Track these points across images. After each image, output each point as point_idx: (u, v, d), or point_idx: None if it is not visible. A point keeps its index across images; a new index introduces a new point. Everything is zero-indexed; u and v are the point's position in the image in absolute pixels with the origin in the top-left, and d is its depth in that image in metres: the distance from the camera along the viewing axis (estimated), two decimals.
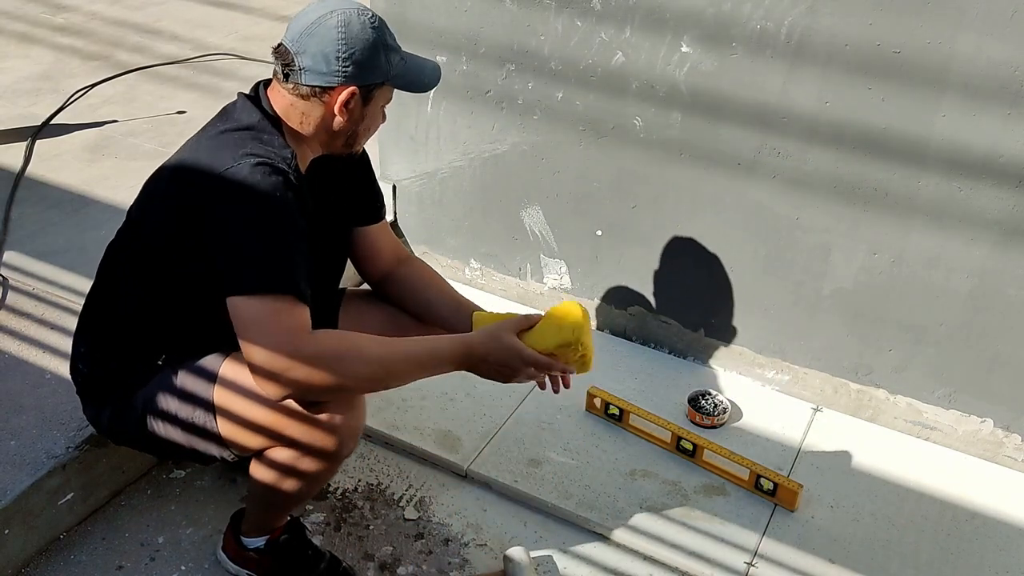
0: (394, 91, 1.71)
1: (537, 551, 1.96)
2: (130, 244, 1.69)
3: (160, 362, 1.69)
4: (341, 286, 2.06)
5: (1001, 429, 2.19)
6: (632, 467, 2.16)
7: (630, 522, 2.01)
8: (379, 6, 2.45)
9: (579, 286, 2.61)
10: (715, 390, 2.35)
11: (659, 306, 2.50)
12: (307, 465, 1.64)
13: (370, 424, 2.20)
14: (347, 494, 2.10)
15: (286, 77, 1.60)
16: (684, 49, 2.12)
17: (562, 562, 1.95)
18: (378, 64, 1.62)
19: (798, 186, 2.14)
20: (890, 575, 1.92)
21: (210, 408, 1.63)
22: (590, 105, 2.30)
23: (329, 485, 2.11)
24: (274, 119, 1.64)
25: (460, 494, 2.11)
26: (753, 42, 2.04)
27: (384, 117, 1.75)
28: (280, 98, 1.64)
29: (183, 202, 1.56)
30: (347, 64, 1.58)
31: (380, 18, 1.64)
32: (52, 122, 3.33)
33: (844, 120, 2.02)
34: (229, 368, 1.63)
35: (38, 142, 3.18)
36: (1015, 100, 1.84)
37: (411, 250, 2.82)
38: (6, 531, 1.82)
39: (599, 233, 2.48)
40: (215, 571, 1.90)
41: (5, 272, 2.47)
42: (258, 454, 1.68)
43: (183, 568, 1.91)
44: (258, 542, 1.85)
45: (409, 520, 2.03)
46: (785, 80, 2.04)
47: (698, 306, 2.44)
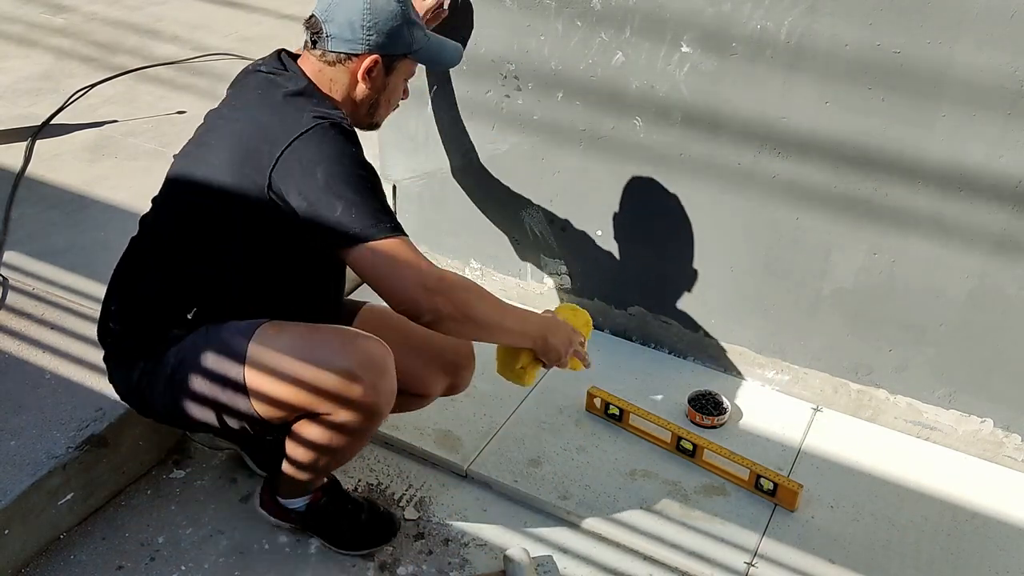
0: (416, 67, 1.82)
1: (537, 551, 1.96)
2: (183, 201, 1.72)
3: (190, 316, 1.72)
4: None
5: (1001, 429, 2.19)
6: (632, 467, 2.16)
7: (630, 522, 2.01)
8: None
9: (579, 286, 2.61)
10: (715, 390, 2.35)
11: (659, 306, 2.50)
12: (347, 422, 1.68)
13: None
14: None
15: (314, 44, 1.71)
16: (684, 49, 2.12)
17: (562, 562, 1.95)
18: (401, 36, 1.72)
19: (798, 186, 2.13)
20: (890, 575, 1.92)
21: (241, 364, 1.65)
22: (590, 105, 2.30)
23: None
24: (314, 84, 1.72)
25: (460, 494, 2.11)
26: (753, 42, 2.04)
27: (407, 93, 1.85)
28: (310, 65, 1.74)
29: (265, 166, 1.60)
30: (371, 32, 1.68)
31: None
32: (52, 122, 3.33)
33: (844, 120, 2.01)
34: (264, 333, 1.66)
35: (38, 142, 3.18)
36: (1015, 100, 1.84)
37: None
38: (6, 531, 1.82)
39: (599, 233, 2.48)
40: (215, 571, 1.90)
41: (5, 272, 2.47)
42: (296, 419, 1.70)
43: (183, 568, 1.91)
44: (297, 504, 1.91)
45: (409, 520, 2.03)
46: (785, 80, 2.04)
47: (698, 306, 2.44)
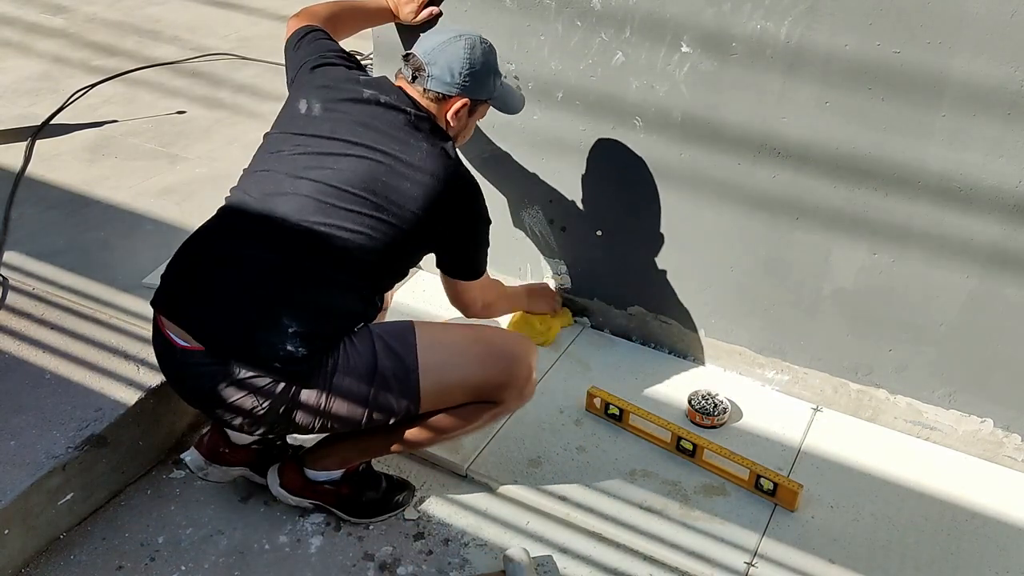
0: (489, 109, 2.05)
1: (537, 551, 1.96)
2: (373, 218, 1.82)
3: (357, 329, 1.84)
4: None
5: (1001, 429, 2.19)
6: (632, 467, 2.16)
7: (630, 522, 2.01)
8: None
9: (579, 286, 2.61)
10: (715, 390, 2.35)
11: (659, 306, 2.50)
12: (499, 413, 1.96)
13: None
14: None
15: (414, 80, 1.91)
16: (684, 49, 2.12)
17: (562, 562, 1.95)
18: (488, 84, 1.97)
19: (798, 186, 2.14)
20: (890, 575, 1.92)
21: (415, 367, 1.82)
22: (590, 105, 2.30)
23: None
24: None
25: (460, 494, 2.11)
26: (753, 42, 2.04)
27: (473, 131, 2.09)
28: (417, 97, 1.92)
29: (433, 194, 1.84)
30: (467, 79, 1.91)
31: (492, 46, 1.97)
32: (52, 122, 3.33)
33: (844, 120, 2.01)
34: (423, 333, 1.88)
35: (38, 142, 3.18)
36: (1015, 100, 1.84)
37: None
38: (6, 531, 1.82)
39: (599, 233, 2.48)
40: (215, 571, 1.90)
41: (5, 272, 2.47)
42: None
43: (183, 568, 1.91)
44: (333, 475, 1.98)
45: (409, 520, 2.03)
46: (785, 80, 2.04)
47: (698, 306, 2.44)
